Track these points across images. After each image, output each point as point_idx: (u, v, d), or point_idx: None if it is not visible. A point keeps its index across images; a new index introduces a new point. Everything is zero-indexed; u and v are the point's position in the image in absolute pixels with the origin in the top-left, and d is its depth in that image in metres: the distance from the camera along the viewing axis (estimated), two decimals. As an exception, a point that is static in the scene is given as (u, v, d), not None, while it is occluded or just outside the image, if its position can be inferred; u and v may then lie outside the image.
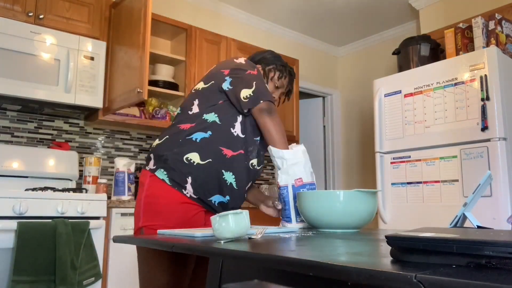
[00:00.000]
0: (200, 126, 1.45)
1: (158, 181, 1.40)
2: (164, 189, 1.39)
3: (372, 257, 0.74)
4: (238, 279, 0.92)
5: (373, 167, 4.07)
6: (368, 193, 1.29)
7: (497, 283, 0.44)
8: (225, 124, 1.48)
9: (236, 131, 1.49)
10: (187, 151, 1.41)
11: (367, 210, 1.29)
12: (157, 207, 1.38)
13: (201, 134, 1.44)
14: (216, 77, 1.53)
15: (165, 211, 1.37)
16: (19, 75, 2.49)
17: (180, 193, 1.39)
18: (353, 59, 4.87)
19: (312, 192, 1.33)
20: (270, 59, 1.74)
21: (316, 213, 1.30)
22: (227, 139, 1.46)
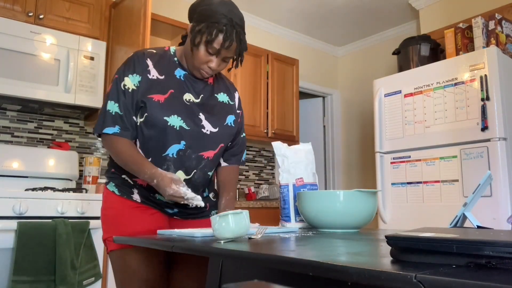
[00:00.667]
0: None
1: (109, 193, 1.41)
2: (115, 199, 1.39)
3: (372, 257, 0.74)
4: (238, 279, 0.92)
5: (373, 167, 4.07)
6: (368, 193, 1.29)
7: (497, 283, 0.44)
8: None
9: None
10: (111, 185, 1.42)
11: (367, 210, 1.29)
12: (111, 218, 1.38)
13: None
14: None
15: (119, 221, 1.36)
16: (19, 75, 2.49)
17: (129, 200, 1.38)
18: (353, 59, 4.87)
19: (312, 192, 1.33)
20: (204, 12, 1.31)
21: (316, 213, 1.30)
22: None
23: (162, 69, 1.38)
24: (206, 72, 1.36)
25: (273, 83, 3.87)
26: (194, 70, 1.38)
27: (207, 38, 1.28)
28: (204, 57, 1.32)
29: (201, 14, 1.31)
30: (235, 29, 1.29)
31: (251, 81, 3.69)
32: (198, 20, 1.31)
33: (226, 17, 1.28)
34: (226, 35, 1.28)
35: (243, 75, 3.64)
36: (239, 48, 1.33)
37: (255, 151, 4.17)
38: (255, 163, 4.16)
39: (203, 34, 1.29)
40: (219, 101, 1.47)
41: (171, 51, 1.44)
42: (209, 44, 1.29)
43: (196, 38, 1.30)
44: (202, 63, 1.33)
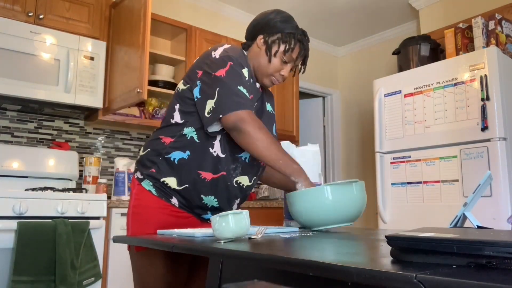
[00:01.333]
0: (179, 144, 1.34)
1: (144, 191, 1.36)
2: (151, 199, 1.35)
3: (372, 257, 0.74)
4: (238, 279, 0.92)
5: (373, 167, 4.07)
6: (353, 183, 1.26)
7: (497, 283, 0.44)
8: (203, 143, 1.33)
9: (216, 151, 1.33)
10: (165, 174, 1.34)
11: (356, 202, 1.26)
12: (145, 216, 1.35)
13: (180, 154, 1.33)
14: (191, 79, 1.37)
15: (154, 220, 1.34)
16: (19, 75, 2.49)
17: (167, 203, 1.35)
18: (353, 59, 4.87)
19: (298, 192, 1.30)
20: (275, 25, 1.39)
21: (306, 213, 1.28)
22: (206, 161, 1.32)
23: (250, 72, 1.41)
24: (277, 80, 1.43)
25: (273, 83, 3.86)
26: (265, 78, 1.43)
27: (286, 48, 1.37)
28: (279, 65, 1.40)
29: (272, 26, 1.39)
30: (308, 40, 1.40)
31: (251, 81, 3.69)
32: (271, 31, 1.39)
33: (298, 29, 1.40)
34: (302, 45, 1.39)
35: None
36: (307, 58, 1.45)
37: (255, 151, 4.17)
38: (255, 163, 4.15)
39: (280, 43, 1.37)
40: (267, 110, 1.52)
41: (245, 55, 1.46)
42: (287, 53, 1.37)
43: (273, 47, 1.38)
44: (276, 71, 1.41)
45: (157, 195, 1.34)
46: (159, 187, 1.35)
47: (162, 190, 1.35)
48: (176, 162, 1.33)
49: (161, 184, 1.34)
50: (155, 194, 1.35)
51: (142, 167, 1.39)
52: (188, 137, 1.34)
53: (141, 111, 3.15)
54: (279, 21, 1.39)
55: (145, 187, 1.36)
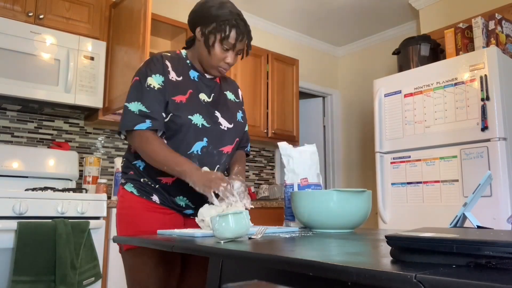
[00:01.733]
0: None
1: (127, 193, 1.42)
2: (133, 199, 1.41)
3: (372, 257, 0.74)
4: (238, 279, 0.92)
5: (373, 167, 4.07)
6: (362, 193, 1.27)
7: (497, 283, 0.44)
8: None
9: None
10: (141, 175, 1.42)
11: (361, 210, 1.27)
12: (128, 218, 1.40)
13: (141, 162, 1.42)
14: None
15: (138, 218, 1.38)
16: (19, 75, 2.49)
17: (149, 201, 1.40)
18: (353, 59, 4.87)
19: (305, 192, 1.32)
20: (209, 14, 1.37)
21: (309, 213, 1.29)
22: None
23: (179, 71, 1.44)
24: (224, 69, 1.44)
25: (273, 83, 3.87)
26: (211, 69, 1.44)
27: (222, 36, 1.36)
28: (220, 54, 1.39)
29: (207, 16, 1.38)
30: (244, 22, 1.39)
31: (251, 81, 3.69)
32: (206, 22, 1.38)
33: (232, 13, 1.37)
34: (239, 29, 1.37)
35: (243, 75, 3.64)
36: (249, 39, 1.43)
37: (255, 151, 4.17)
38: (255, 163, 4.15)
39: (216, 33, 1.36)
40: (228, 98, 1.55)
41: (182, 54, 1.50)
42: (224, 40, 1.36)
43: (210, 38, 1.37)
44: (219, 60, 1.40)
45: (138, 195, 1.40)
46: (139, 187, 1.41)
47: (142, 189, 1.41)
48: (141, 169, 1.42)
49: (141, 184, 1.41)
50: (136, 194, 1.41)
51: (123, 173, 1.47)
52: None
53: (141, 111, 3.14)
54: (213, 9, 1.37)
55: (127, 189, 1.42)
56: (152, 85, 1.36)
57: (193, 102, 1.41)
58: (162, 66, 1.40)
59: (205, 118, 1.40)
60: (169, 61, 1.43)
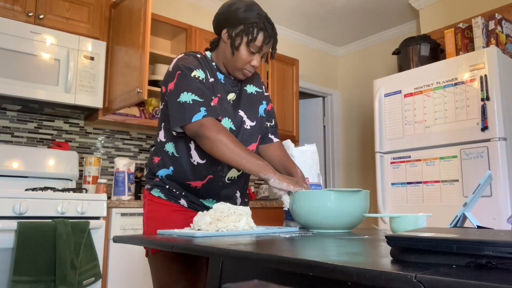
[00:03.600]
0: (163, 161, 1.42)
1: (155, 198, 1.43)
2: (161, 203, 1.42)
3: (372, 257, 0.74)
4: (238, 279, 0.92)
5: (373, 167, 4.07)
6: (360, 193, 1.27)
7: (497, 283, 0.44)
8: (182, 155, 1.39)
9: (195, 160, 1.38)
10: (156, 191, 1.44)
11: (358, 211, 1.27)
12: (158, 219, 1.40)
13: (165, 171, 1.42)
14: (162, 97, 1.44)
15: (164, 221, 1.39)
16: (19, 75, 2.49)
17: (177, 205, 1.42)
18: (353, 59, 4.87)
19: (303, 192, 1.32)
20: (237, 16, 1.36)
21: (307, 213, 1.29)
22: (189, 171, 1.38)
23: (210, 73, 1.42)
24: (249, 71, 1.41)
25: (273, 83, 3.87)
26: (236, 72, 1.41)
27: (249, 38, 1.34)
28: (246, 57, 1.37)
29: (234, 18, 1.36)
30: (272, 25, 1.37)
31: (251, 81, 3.69)
32: (233, 24, 1.36)
33: (260, 16, 1.35)
34: (266, 32, 1.35)
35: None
36: (275, 42, 1.41)
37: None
38: (255, 163, 4.15)
39: (243, 35, 1.34)
40: (248, 93, 1.52)
41: (207, 55, 1.47)
42: (251, 43, 1.34)
43: (236, 41, 1.35)
44: (245, 63, 1.38)
45: (166, 199, 1.41)
46: (167, 192, 1.42)
47: (170, 194, 1.41)
48: (164, 177, 1.42)
49: (167, 189, 1.42)
50: (164, 198, 1.41)
51: (149, 179, 1.48)
52: (169, 153, 1.40)
53: (141, 111, 3.15)
54: (240, 12, 1.35)
55: (155, 194, 1.43)
56: (199, 76, 1.34)
57: (223, 105, 1.39)
58: (198, 63, 1.38)
59: (233, 121, 1.40)
60: (202, 62, 1.41)
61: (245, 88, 1.52)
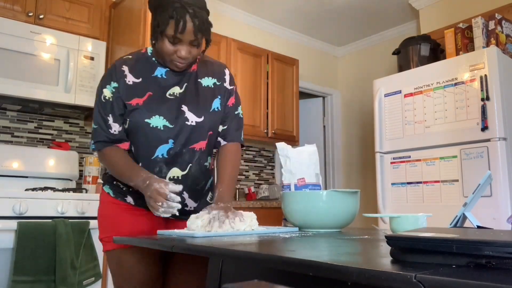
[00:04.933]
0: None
1: (105, 194, 1.43)
2: (110, 200, 1.41)
3: (372, 257, 0.74)
4: (238, 279, 0.92)
5: (373, 167, 4.07)
6: (349, 193, 1.29)
7: (497, 283, 0.44)
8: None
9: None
10: (107, 187, 1.45)
11: (348, 210, 1.29)
12: (107, 219, 1.40)
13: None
14: None
15: (115, 221, 1.38)
16: (19, 75, 2.49)
17: (123, 202, 1.40)
18: (353, 59, 4.87)
19: (293, 193, 1.33)
20: (153, 4, 1.28)
21: (298, 213, 1.30)
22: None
23: (139, 72, 1.36)
24: (180, 63, 1.30)
25: (273, 83, 3.87)
26: (169, 64, 1.33)
27: (162, 28, 1.23)
28: (169, 48, 1.26)
29: (153, 7, 1.28)
30: (187, 10, 1.21)
31: (251, 81, 3.69)
32: (153, 14, 1.28)
33: (175, 1, 1.21)
34: (177, 19, 1.20)
35: (243, 75, 3.64)
36: (198, 27, 1.24)
37: (255, 151, 4.17)
38: (255, 163, 4.15)
39: (157, 26, 1.24)
40: (203, 86, 1.42)
41: (148, 52, 1.41)
42: (164, 33, 1.24)
43: (155, 32, 1.27)
44: (170, 54, 1.28)
45: (113, 196, 1.40)
46: (114, 189, 1.41)
47: (117, 191, 1.41)
48: (111, 173, 1.42)
49: (115, 185, 1.41)
50: (112, 195, 1.41)
51: (104, 174, 1.49)
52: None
53: (141, 111, 3.14)
54: (157, 1, 1.25)
55: (105, 190, 1.43)
56: (107, 97, 1.34)
57: (153, 103, 1.32)
58: (118, 72, 1.35)
59: (168, 117, 1.32)
60: (127, 64, 1.37)
61: (200, 80, 1.42)
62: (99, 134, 1.35)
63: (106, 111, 1.34)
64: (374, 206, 3.23)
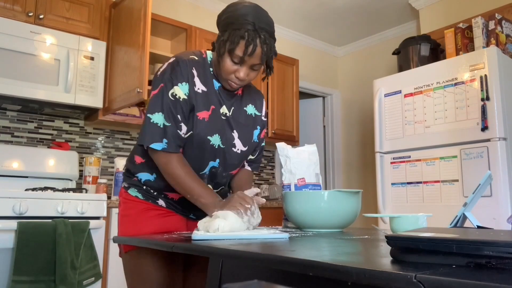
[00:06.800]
0: (147, 165, 1.34)
1: (131, 197, 1.38)
2: (138, 202, 1.37)
3: (372, 257, 0.74)
4: (238, 279, 0.92)
5: (373, 167, 4.07)
6: (351, 193, 1.29)
7: (497, 283, 0.44)
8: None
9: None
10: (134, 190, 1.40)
11: (350, 210, 1.29)
12: (132, 219, 1.36)
13: (146, 175, 1.36)
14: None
15: (139, 221, 1.35)
16: (19, 75, 2.49)
17: (154, 205, 1.37)
18: (353, 59, 4.87)
19: (295, 192, 1.34)
20: (226, 21, 1.25)
21: (300, 213, 1.31)
22: (169, 184, 1.31)
23: (204, 80, 1.31)
24: (235, 83, 1.29)
25: (273, 83, 3.87)
26: (223, 81, 1.31)
27: (230, 46, 1.21)
28: (230, 67, 1.25)
29: (225, 22, 1.25)
30: (259, 34, 1.20)
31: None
32: (223, 28, 1.26)
33: (249, 22, 1.20)
34: (248, 41, 1.19)
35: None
36: (266, 54, 1.24)
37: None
38: (255, 163, 4.15)
39: (226, 42, 1.22)
40: (247, 114, 1.42)
41: (208, 58, 1.36)
42: (232, 52, 1.22)
43: (221, 47, 1.24)
44: (229, 73, 1.26)
45: (143, 199, 1.37)
46: (144, 192, 1.37)
47: (148, 194, 1.37)
48: (143, 182, 1.37)
49: (146, 190, 1.38)
50: (141, 198, 1.37)
51: (126, 177, 1.42)
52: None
53: (141, 111, 3.14)
54: (232, 16, 1.23)
55: (131, 193, 1.39)
56: (178, 96, 1.25)
57: (215, 120, 1.30)
58: (189, 73, 1.27)
59: (222, 138, 1.31)
60: (196, 67, 1.30)
61: (245, 108, 1.42)
62: (172, 134, 1.23)
63: (176, 110, 1.24)
64: (374, 206, 3.24)
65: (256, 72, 1.29)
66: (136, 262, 1.32)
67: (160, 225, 1.35)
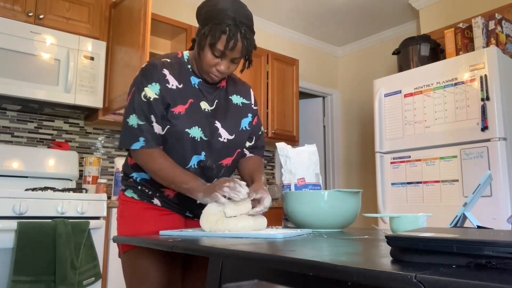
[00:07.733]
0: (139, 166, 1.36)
1: (127, 198, 1.41)
2: (134, 203, 1.39)
3: (372, 257, 0.74)
4: (238, 279, 0.92)
5: (373, 167, 4.07)
6: (351, 193, 1.29)
7: (497, 283, 0.44)
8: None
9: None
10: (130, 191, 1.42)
11: (350, 210, 1.30)
12: (129, 219, 1.38)
13: (141, 174, 1.38)
14: None
15: (137, 221, 1.37)
16: (19, 75, 2.49)
17: (150, 204, 1.39)
18: (353, 59, 4.87)
19: (296, 192, 1.34)
20: (207, 14, 1.27)
21: (300, 213, 1.31)
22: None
23: (179, 77, 1.35)
24: (216, 76, 1.33)
25: (273, 83, 3.87)
26: (204, 74, 1.34)
27: (211, 41, 1.23)
28: (211, 60, 1.28)
29: (206, 16, 1.27)
30: (239, 28, 1.24)
31: (251, 81, 3.69)
32: (203, 22, 1.27)
33: (230, 17, 1.23)
34: (229, 36, 1.22)
35: (243, 75, 3.63)
36: (246, 48, 1.28)
37: (255, 151, 4.17)
38: (255, 163, 4.15)
39: (207, 36, 1.24)
40: (233, 103, 1.45)
41: (184, 57, 1.40)
42: (213, 46, 1.24)
43: (202, 41, 1.27)
44: (210, 66, 1.29)
45: (139, 199, 1.39)
46: (140, 193, 1.39)
47: (143, 194, 1.39)
48: (138, 181, 1.39)
49: (141, 190, 1.39)
50: (137, 198, 1.39)
51: (123, 179, 1.45)
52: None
53: (141, 111, 3.14)
54: (212, 9, 1.25)
55: (128, 195, 1.41)
56: (149, 96, 1.29)
57: (193, 113, 1.33)
58: (159, 73, 1.31)
59: (204, 130, 1.33)
60: (168, 67, 1.34)
61: (231, 97, 1.45)
62: (147, 131, 1.28)
63: (149, 110, 1.29)
64: (374, 206, 3.24)
65: (236, 65, 1.34)
66: (135, 262, 1.33)
67: (157, 224, 1.35)
